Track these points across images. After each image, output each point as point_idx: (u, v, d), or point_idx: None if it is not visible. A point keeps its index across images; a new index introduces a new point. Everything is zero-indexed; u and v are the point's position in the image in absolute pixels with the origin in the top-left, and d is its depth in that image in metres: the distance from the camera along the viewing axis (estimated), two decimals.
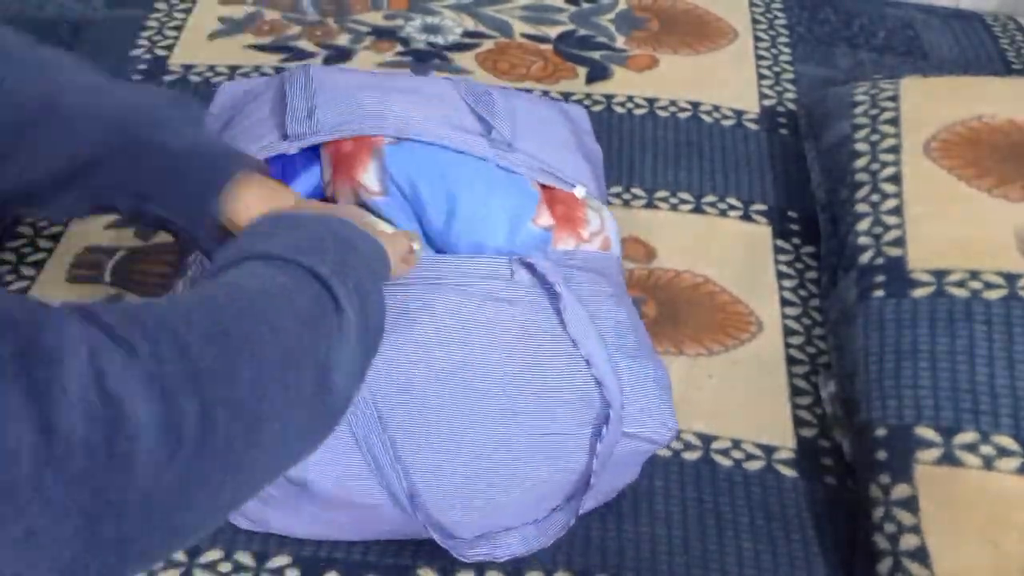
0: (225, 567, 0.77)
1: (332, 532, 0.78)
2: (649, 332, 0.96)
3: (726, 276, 1.03)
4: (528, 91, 1.23)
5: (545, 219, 0.83)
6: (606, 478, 0.78)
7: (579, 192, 0.86)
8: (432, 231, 0.81)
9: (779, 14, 1.40)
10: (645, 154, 1.16)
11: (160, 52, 1.25)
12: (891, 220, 0.96)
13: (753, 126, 1.21)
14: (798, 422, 0.91)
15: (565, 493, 0.77)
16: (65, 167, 0.66)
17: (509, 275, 0.78)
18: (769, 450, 0.88)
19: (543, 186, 0.85)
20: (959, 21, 1.40)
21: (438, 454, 0.72)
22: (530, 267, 0.78)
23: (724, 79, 1.27)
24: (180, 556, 0.77)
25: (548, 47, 1.31)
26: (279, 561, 0.78)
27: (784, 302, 1.01)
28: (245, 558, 0.78)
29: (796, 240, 1.07)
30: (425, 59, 1.27)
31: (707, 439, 0.89)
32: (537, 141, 0.87)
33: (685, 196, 1.11)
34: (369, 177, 0.78)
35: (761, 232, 1.08)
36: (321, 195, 0.82)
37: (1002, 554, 0.74)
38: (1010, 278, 0.88)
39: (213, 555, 0.78)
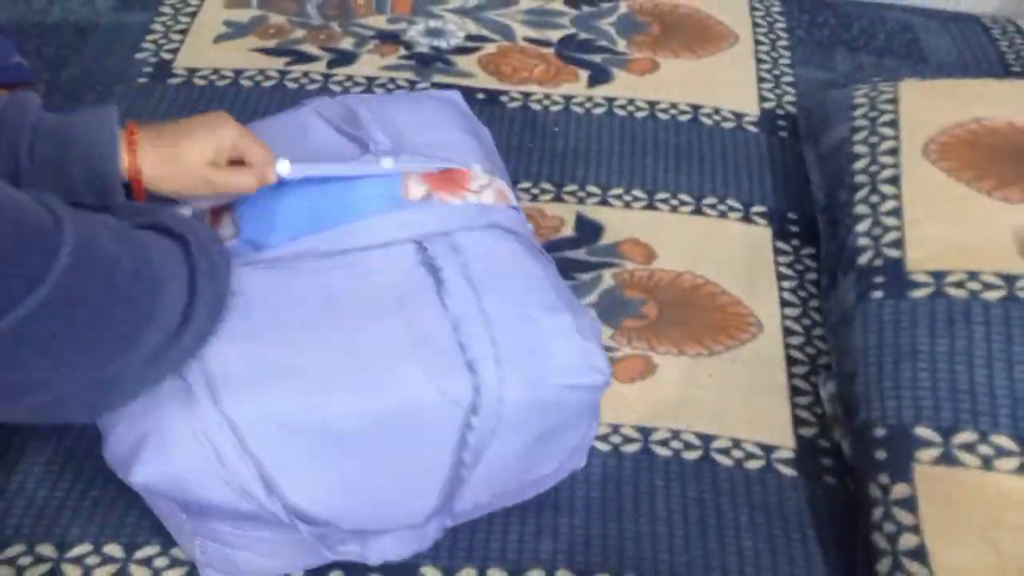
0: None
1: (299, 558, 0.76)
2: (650, 333, 0.97)
3: (726, 277, 1.03)
4: (526, 95, 1.23)
5: (416, 190, 0.81)
6: (558, 436, 0.77)
7: (476, 170, 0.85)
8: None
9: (779, 17, 1.40)
10: (646, 156, 1.16)
11: (165, 55, 1.26)
12: (890, 222, 0.96)
13: (753, 129, 1.21)
14: (798, 422, 0.91)
15: (440, 491, 0.74)
16: None
17: (413, 256, 0.77)
18: (769, 450, 0.89)
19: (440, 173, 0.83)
20: (958, 24, 1.41)
21: (300, 435, 0.70)
22: (421, 249, 0.77)
23: (724, 82, 1.28)
24: (184, 555, 0.78)
25: (550, 51, 1.32)
26: None
27: (784, 303, 1.01)
28: None
29: (796, 241, 1.08)
30: (428, 63, 1.28)
31: (707, 439, 0.89)
32: (425, 138, 0.86)
33: (685, 198, 1.12)
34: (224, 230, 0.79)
35: (761, 234, 1.09)
36: None
37: (1001, 553, 0.75)
38: (1009, 279, 0.88)
39: None
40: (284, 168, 0.77)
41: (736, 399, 0.93)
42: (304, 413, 0.69)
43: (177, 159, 0.73)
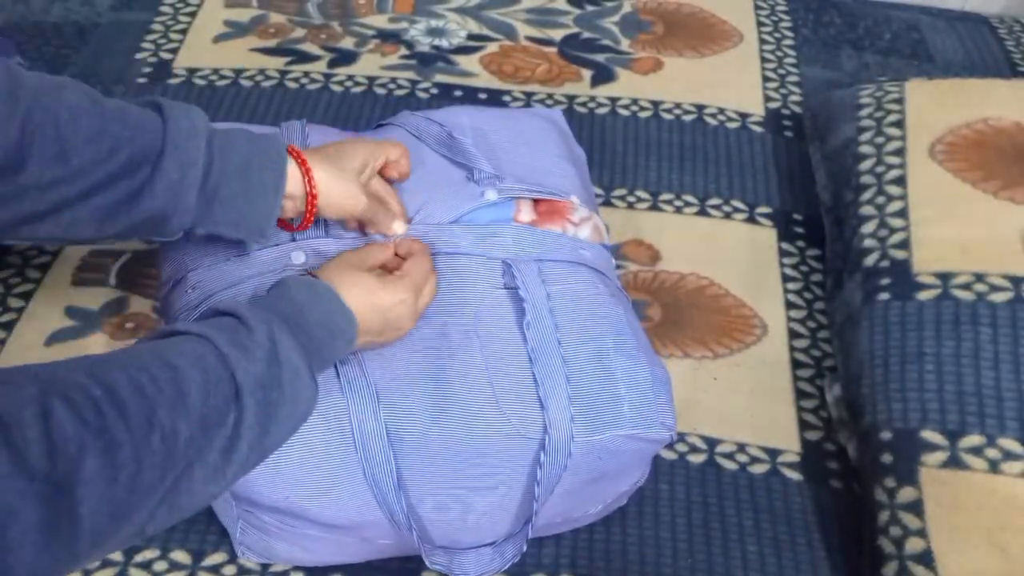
0: (230, 570, 0.78)
1: (336, 555, 0.77)
2: (654, 335, 0.96)
3: (731, 279, 1.02)
4: (528, 95, 1.23)
5: (525, 216, 0.82)
6: (610, 481, 0.77)
7: (574, 200, 0.86)
8: None
9: (784, 17, 1.40)
10: (650, 157, 1.16)
11: (165, 55, 1.26)
12: (896, 223, 0.95)
13: (758, 129, 1.21)
14: (803, 425, 0.91)
15: (515, 515, 0.75)
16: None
17: (499, 275, 0.78)
18: (774, 453, 0.88)
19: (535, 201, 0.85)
20: (964, 23, 1.40)
21: (423, 459, 0.71)
22: (509, 271, 0.77)
23: (729, 82, 1.27)
24: (184, 559, 0.78)
25: (553, 50, 1.31)
26: (284, 566, 0.78)
27: (789, 305, 1.01)
28: (250, 563, 0.78)
29: (801, 243, 1.07)
30: (429, 62, 1.27)
31: (712, 442, 0.89)
32: (524, 161, 0.87)
33: (690, 199, 1.11)
34: None
35: (766, 235, 1.08)
36: None
37: (1008, 557, 0.74)
38: (1016, 281, 0.88)
39: (218, 558, 0.78)
40: (400, 228, 0.79)
41: (741, 402, 0.92)
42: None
43: (338, 163, 0.74)
